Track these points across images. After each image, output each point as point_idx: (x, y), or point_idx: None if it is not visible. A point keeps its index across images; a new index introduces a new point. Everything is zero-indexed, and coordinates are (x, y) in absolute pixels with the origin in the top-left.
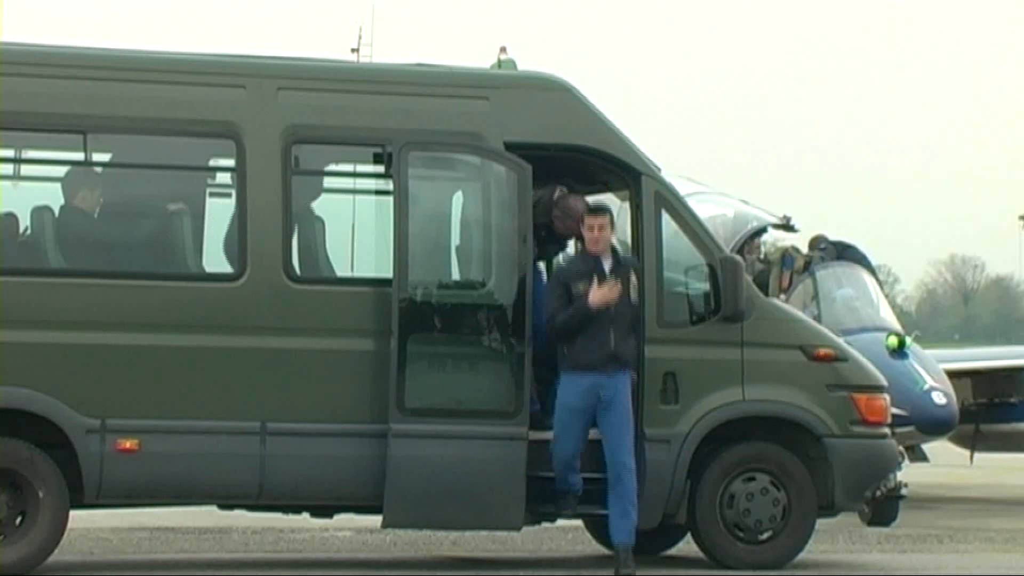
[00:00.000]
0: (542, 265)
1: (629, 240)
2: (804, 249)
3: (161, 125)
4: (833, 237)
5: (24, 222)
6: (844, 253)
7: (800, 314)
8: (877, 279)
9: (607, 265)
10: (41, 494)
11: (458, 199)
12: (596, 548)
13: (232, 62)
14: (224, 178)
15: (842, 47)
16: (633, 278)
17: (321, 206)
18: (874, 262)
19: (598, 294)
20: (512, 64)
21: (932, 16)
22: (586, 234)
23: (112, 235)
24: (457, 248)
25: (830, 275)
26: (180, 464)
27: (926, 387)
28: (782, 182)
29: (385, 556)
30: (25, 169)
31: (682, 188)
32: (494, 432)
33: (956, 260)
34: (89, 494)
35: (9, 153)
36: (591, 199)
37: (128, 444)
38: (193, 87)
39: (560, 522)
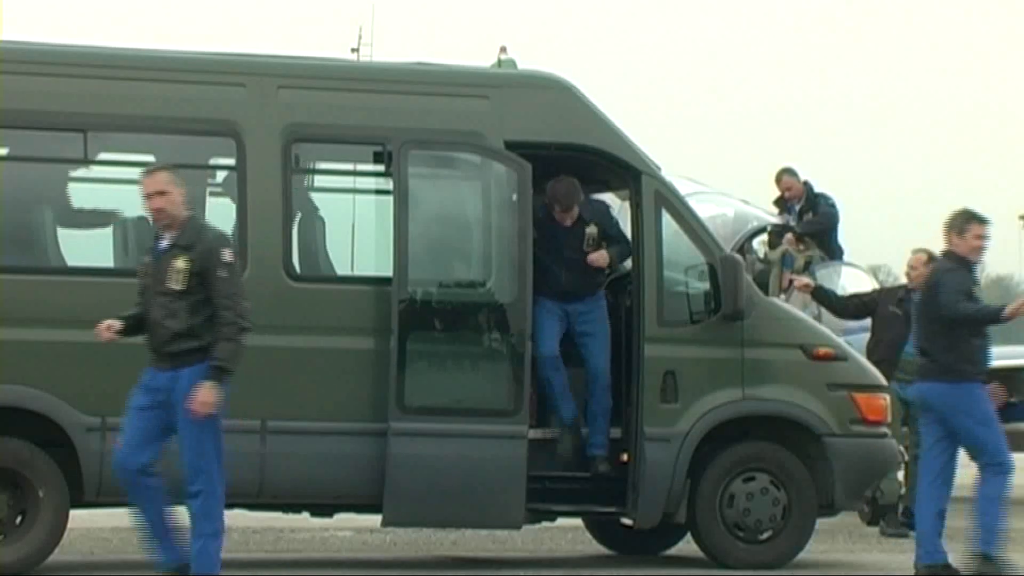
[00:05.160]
0: None
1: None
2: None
3: (161, 123)
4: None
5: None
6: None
7: (800, 313)
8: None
9: None
10: (41, 493)
11: (458, 198)
12: (596, 548)
13: (232, 61)
14: (224, 176)
15: (842, 47)
16: None
17: (321, 205)
18: (874, 262)
19: None
20: (512, 64)
21: (931, 15)
22: None
23: (112, 233)
24: (457, 247)
25: (830, 275)
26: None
27: None
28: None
29: (385, 556)
30: (25, 168)
31: (682, 188)
32: (494, 431)
33: None
34: (89, 493)
35: (9, 151)
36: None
37: None
38: (193, 85)
39: (560, 522)
